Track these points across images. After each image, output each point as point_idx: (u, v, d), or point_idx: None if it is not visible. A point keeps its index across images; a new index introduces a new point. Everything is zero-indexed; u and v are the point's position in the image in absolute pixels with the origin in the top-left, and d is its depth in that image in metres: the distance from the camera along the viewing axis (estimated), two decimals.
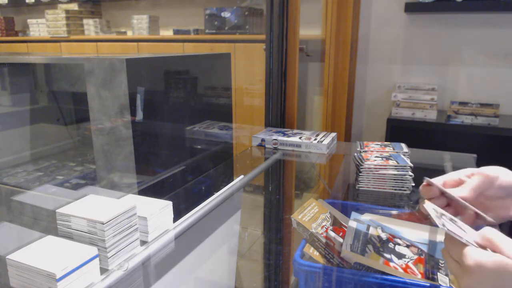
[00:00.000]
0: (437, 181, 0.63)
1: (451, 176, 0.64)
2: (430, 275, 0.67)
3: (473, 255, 0.48)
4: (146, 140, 1.13)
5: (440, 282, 0.65)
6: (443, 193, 0.61)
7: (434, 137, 2.41)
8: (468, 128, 2.13)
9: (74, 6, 3.60)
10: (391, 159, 1.15)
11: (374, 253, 0.69)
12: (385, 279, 0.66)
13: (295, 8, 1.67)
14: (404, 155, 1.22)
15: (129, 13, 3.47)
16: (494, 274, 0.45)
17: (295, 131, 1.63)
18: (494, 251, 0.48)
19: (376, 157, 1.17)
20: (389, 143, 1.33)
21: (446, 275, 0.67)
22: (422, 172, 1.23)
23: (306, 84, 2.82)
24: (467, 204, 0.58)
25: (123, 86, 1.03)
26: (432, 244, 0.74)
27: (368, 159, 1.15)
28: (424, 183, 0.63)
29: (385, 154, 1.21)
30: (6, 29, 4.00)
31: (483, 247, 0.49)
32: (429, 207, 0.57)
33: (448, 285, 0.65)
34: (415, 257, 0.71)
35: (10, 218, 1.20)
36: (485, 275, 0.46)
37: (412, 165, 1.11)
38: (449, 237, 0.52)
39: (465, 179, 0.62)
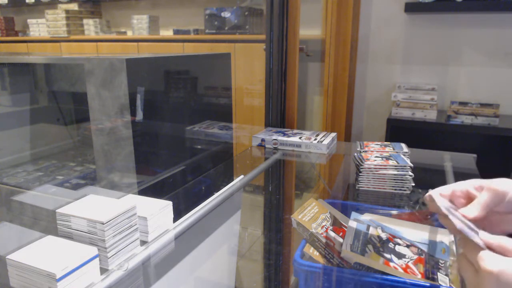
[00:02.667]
0: (445, 190, 0.59)
1: (459, 187, 0.58)
2: (430, 275, 0.67)
3: (493, 261, 0.45)
4: (146, 140, 1.13)
5: (440, 282, 0.65)
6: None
7: (434, 137, 2.41)
8: (468, 128, 2.13)
9: (74, 6, 3.61)
10: (391, 159, 1.15)
11: (374, 253, 0.69)
12: (385, 279, 0.65)
13: (295, 8, 1.67)
14: (404, 155, 1.22)
15: (129, 13, 3.47)
16: None
17: (295, 131, 1.63)
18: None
19: (376, 157, 1.17)
20: (389, 143, 1.33)
21: (446, 275, 0.67)
22: (422, 172, 1.23)
23: (306, 84, 2.82)
24: (477, 241, 0.51)
25: (123, 86, 1.03)
26: (432, 244, 0.74)
27: (368, 159, 1.15)
28: (429, 196, 0.59)
29: (385, 154, 1.21)
30: (6, 29, 4.00)
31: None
32: (442, 203, 0.54)
33: (448, 285, 0.65)
34: (415, 257, 0.71)
35: (10, 218, 1.20)
36: (505, 284, 0.43)
37: (412, 165, 1.11)
38: (466, 239, 0.49)
39: (473, 193, 0.57)
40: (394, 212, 0.93)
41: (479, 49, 2.31)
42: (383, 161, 1.13)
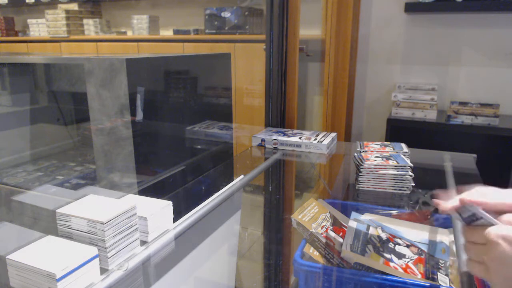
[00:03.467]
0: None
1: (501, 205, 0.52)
2: (430, 275, 0.67)
3: (498, 230, 0.48)
4: (146, 140, 1.13)
5: (440, 282, 0.65)
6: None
7: (434, 137, 2.41)
8: (468, 128, 2.13)
9: (74, 6, 3.61)
10: (391, 159, 1.15)
11: (374, 253, 0.69)
12: (385, 279, 0.66)
13: (295, 8, 1.67)
14: (404, 155, 1.22)
15: (129, 13, 3.47)
16: None
17: (295, 131, 1.63)
18: None
19: (376, 157, 1.17)
20: (389, 143, 1.33)
21: (446, 275, 0.67)
22: (422, 172, 1.23)
23: (306, 84, 2.82)
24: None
25: (123, 86, 1.03)
26: (432, 244, 0.74)
27: (368, 159, 1.15)
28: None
29: (385, 154, 1.21)
30: (6, 29, 4.00)
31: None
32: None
33: (448, 285, 0.65)
34: (415, 257, 0.71)
35: (10, 218, 1.20)
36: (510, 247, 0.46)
37: (412, 165, 1.11)
38: (467, 228, 0.53)
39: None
40: (394, 212, 0.93)
41: (479, 49, 2.31)
42: (383, 161, 1.13)
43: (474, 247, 0.52)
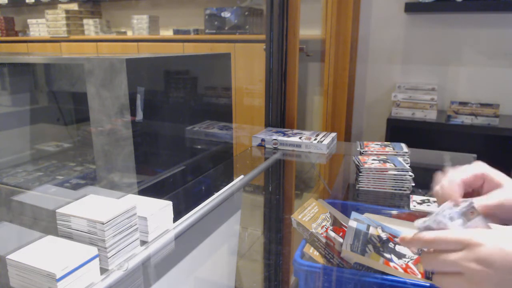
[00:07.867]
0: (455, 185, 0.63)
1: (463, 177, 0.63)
2: (430, 275, 0.67)
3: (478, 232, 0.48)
4: (146, 140, 1.13)
5: None
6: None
7: (434, 137, 2.41)
8: (468, 128, 2.13)
9: (74, 6, 3.61)
10: (389, 162, 1.15)
11: (374, 253, 0.69)
12: (385, 279, 0.65)
13: (295, 8, 1.67)
14: (403, 155, 1.22)
15: (129, 13, 3.47)
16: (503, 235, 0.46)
17: (295, 131, 1.63)
18: None
19: (374, 159, 1.17)
20: (389, 143, 1.33)
21: None
22: (422, 172, 1.23)
23: (306, 84, 2.82)
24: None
25: (123, 86, 1.03)
26: None
27: (365, 162, 1.15)
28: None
29: (382, 157, 1.21)
30: (6, 29, 4.00)
31: None
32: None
33: None
34: (415, 257, 0.71)
35: (10, 218, 1.20)
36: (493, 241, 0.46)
37: (410, 168, 1.11)
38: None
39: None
40: (394, 212, 0.93)
41: (479, 49, 2.31)
42: (381, 164, 1.13)
43: (443, 255, 0.49)
